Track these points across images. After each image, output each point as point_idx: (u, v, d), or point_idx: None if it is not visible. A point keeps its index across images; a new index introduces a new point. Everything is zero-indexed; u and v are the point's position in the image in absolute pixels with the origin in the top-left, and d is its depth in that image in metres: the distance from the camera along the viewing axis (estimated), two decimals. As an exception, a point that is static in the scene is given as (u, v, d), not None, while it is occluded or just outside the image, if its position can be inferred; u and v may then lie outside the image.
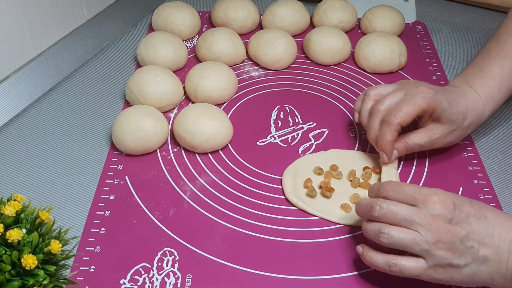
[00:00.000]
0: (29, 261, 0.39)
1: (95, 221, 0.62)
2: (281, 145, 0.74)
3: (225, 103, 0.81)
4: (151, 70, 0.77)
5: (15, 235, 0.40)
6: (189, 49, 0.92)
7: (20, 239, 0.40)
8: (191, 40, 0.94)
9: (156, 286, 0.56)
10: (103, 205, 0.64)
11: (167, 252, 0.59)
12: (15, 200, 0.43)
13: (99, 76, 0.86)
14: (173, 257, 0.59)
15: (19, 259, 0.40)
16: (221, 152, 0.72)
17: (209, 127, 0.70)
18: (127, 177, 0.68)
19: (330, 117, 0.79)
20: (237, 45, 0.87)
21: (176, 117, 0.74)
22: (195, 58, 0.90)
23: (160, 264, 0.58)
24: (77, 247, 0.59)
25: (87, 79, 0.85)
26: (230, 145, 0.73)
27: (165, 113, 0.78)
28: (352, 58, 0.91)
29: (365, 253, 0.55)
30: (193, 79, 0.79)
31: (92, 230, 0.61)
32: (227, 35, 0.86)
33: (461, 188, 0.68)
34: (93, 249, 0.59)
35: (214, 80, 0.78)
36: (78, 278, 0.56)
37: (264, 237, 0.61)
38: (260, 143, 0.74)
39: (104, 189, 0.66)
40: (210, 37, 0.86)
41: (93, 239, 0.60)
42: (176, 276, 0.57)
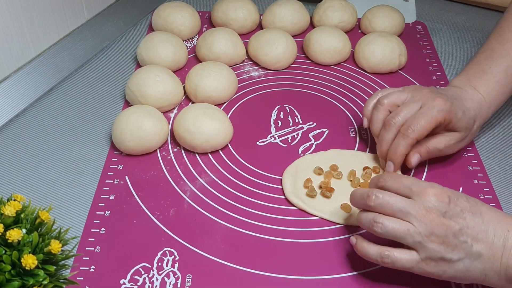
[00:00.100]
0: (29, 261, 0.39)
1: (95, 221, 0.62)
2: (281, 145, 0.74)
3: (225, 103, 0.81)
4: (151, 70, 0.77)
5: (15, 235, 0.40)
6: (189, 49, 0.92)
7: (20, 239, 0.40)
8: (191, 40, 0.94)
9: (156, 286, 0.56)
10: (103, 205, 0.64)
11: (167, 252, 0.59)
12: (15, 200, 0.43)
13: (99, 76, 0.86)
14: (173, 257, 0.59)
15: (19, 259, 0.40)
16: (221, 152, 0.72)
17: (209, 127, 0.70)
18: (127, 177, 0.68)
19: (330, 117, 0.79)
20: (237, 45, 0.87)
21: (176, 117, 0.74)
22: (195, 58, 0.90)
23: (160, 264, 0.58)
24: (77, 247, 0.59)
25: (87, 79, 0.85)
26: (230, 145, 0.73)
27: (165, 113, 0.78)
28: (352, 58, 0.91)
29: (358, 244, 0.55)
30: (193, 79, 0.79)
31: (92, 230, 0.61)
32: (227, 35, 0.86)
33: (461, 188, 0.68)
34: (93, 249, 0.59)
35: (214, 80, 0.78)
36: (78, 278, 0.56)
37: (264, 237, 0.61)
38: (260, 143, 0.74)
39: (104, 189, 0.66)
40: (210, 37, 0.86)
41: (93, 239, 0.60)
42: (176, 276, 0.57)
